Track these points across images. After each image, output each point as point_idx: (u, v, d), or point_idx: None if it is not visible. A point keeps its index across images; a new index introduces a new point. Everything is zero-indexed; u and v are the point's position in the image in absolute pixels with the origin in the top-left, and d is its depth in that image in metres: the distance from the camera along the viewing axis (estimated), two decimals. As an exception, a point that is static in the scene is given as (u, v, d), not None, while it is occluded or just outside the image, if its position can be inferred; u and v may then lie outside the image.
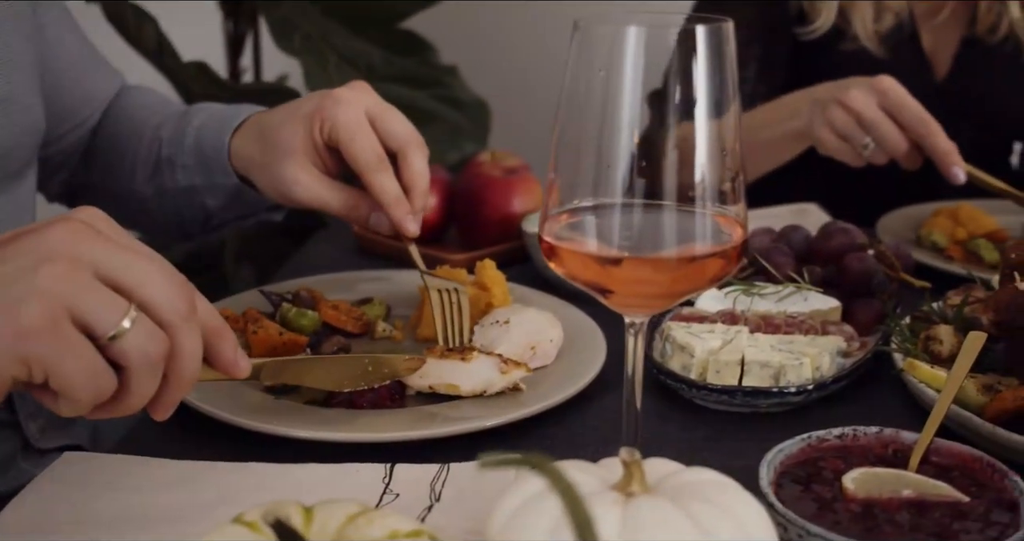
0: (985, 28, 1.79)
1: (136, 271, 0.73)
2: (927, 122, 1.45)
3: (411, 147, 1.16)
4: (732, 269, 0.80)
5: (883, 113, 1.45)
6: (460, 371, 1.06)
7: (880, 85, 1.47)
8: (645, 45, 0.75)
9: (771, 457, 0.86)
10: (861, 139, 1.47)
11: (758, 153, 1.70)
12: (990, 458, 0.86)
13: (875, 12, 1.77)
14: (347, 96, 1.15)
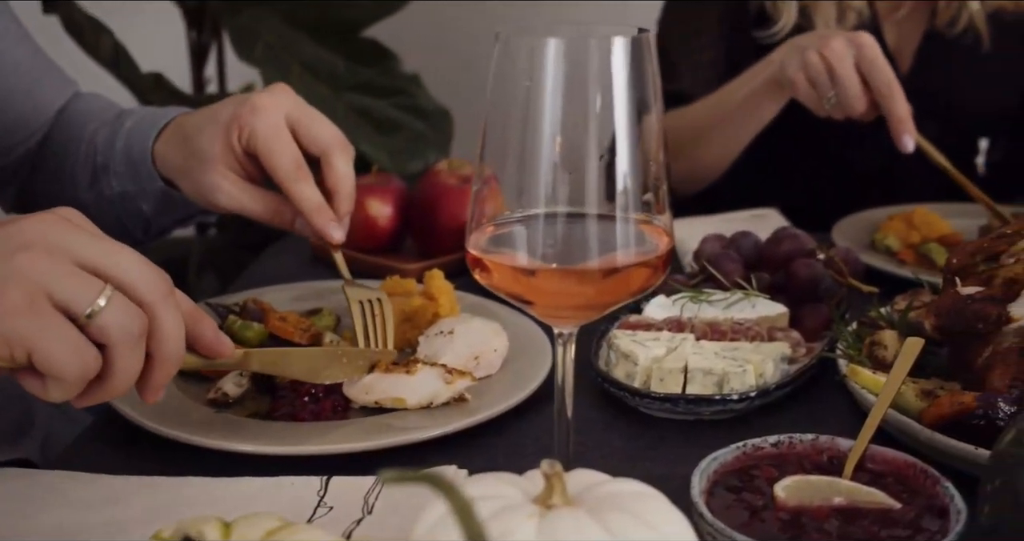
0: (945, 21, 1.80)
1: (111, 256, 0.77)
2: (892, 86, 1.48)
3: (334, 151, 1.15)
4: (658, 278, 0.80)
5: (854, 70, 1.48)
6: (405, 384, 1.06)
7: (859, 39, 1.49)
8: (565, 56, 0.75)
9: (705, 465, 0.86)
10: (827, 91, 1.49)
11: (736, 116, 1.70)
12: (924, 464, 0.86)
13: (837, 12, 1.77)
14: (265, 103, 1.13)
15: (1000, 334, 1.01)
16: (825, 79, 1.49)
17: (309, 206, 1.13)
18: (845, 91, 1.47)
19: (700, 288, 1.25)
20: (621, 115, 0.76)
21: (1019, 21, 1.80)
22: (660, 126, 0.79)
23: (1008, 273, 1.06)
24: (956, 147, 1.90)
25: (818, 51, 1.49)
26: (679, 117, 1.80)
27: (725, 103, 1.71)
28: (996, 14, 1.79)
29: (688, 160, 1.79)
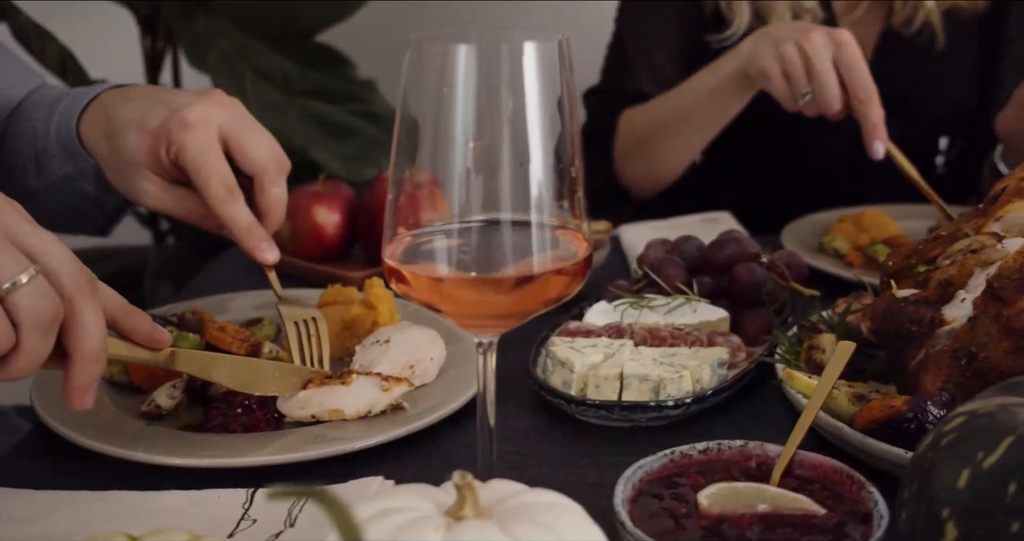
0: (901, 20, 1.80)
1: (44, 243, 0.80)
2: (869, 91, 1.46)
3: (267, 174, 1.11)
4: (577, 285, 0.80)
5: (833, 67, 1.45)
6: (341, 395, 1.05)
7: (839, 37, 1.47)
8: (477, 62, 0.74)
9: (630, 474, 0.86)
10: (803, 86, 1.47)
11: (700, 110, 1.69)
12: (850, 470, 0.85)
13: (792, 13, 1.77)
14: (196, 118, 1.08)
15: (933, 337, 1.01)
16: (802, 74, 1.46)
17: (239, 228, 1.10)
18: (823, 90, 1.45)
19: (643, 293, 1.24)
20: (534, 121, 0.75)
21: (974, 19, 1.80)
22: (577, 132, 0.78)
23: (943, 275, 1.06)
24: (916, 146, 1.89)
25: (796, 44, 1.47)
26: (639, 113, 1.80)
27: (688, 97, 1.69)
28: (951, 12, 1.79)
29: (647, 158, 1.78)
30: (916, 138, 1.89)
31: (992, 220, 1.11)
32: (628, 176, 1.83)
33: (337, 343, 1.19)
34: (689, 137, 1.73)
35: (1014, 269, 0.98)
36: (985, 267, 1.03)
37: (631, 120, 1.81)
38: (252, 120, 1.13)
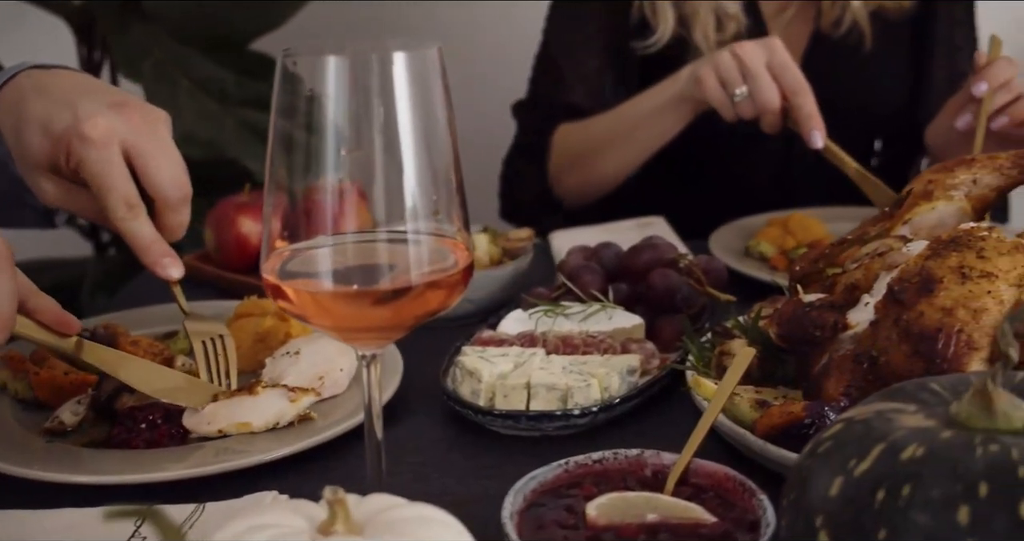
0: (829, 22, 1.80)
1: None
2: (803, 86, 1.50)
3: (166, 203, 1.07)
4: (457, 295, 0.79)
5: (766, 68, 1.49)
6: (249, 407, 1.04)
7: (771, 43, 1.51)
8: (348, 73, 0.74)
9: (521, 485, 0.85)
10: (737, 86, 1.50)
11: (637, 131, 1.70)
12: (743, 478, 0.85)
13: (716, 20, 1.77)
14: (96, 133, 1.03)
15: (836, 341, 1.00)
16: (736, 75, 1.50)
17: (138, 244, 1.06)
18: (758, 84, 1.48)
19: (562, 301, 1.24)
20: (407, 131, 0.75)
21: (902, 21, 1.81)
22: (453, 142, 0.77)
23: (849, 279, 1.05)
24: (851, 149, 1.90)
25: (729, 51, 1.51)
26: (575, 131, 1.80)
27: (627, 118, 1.70)
28: (879, 13, 1.80)
29: (583, 173, 1.78)
30: (850, 141, 1.88)
31: (900, 223, 1.12)
32: (563, 189, 1.84)
33: (250, 355, 1.18)
34: (626, 156, 1.74)
35: (914, 272, 0.98)
36: (890, 270, 1.03)
37: (567, 137, 1.81)
38: (162, 140, 1.08)
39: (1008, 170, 1.13)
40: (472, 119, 2.41)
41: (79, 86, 1.11)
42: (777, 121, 1.50)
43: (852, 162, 1.49)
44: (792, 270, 1.10)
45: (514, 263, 1.34)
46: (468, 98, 2.84)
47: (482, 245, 1.35)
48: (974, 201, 1.12)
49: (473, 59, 2.84)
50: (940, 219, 1.11)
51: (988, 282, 0.96)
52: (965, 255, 0.98)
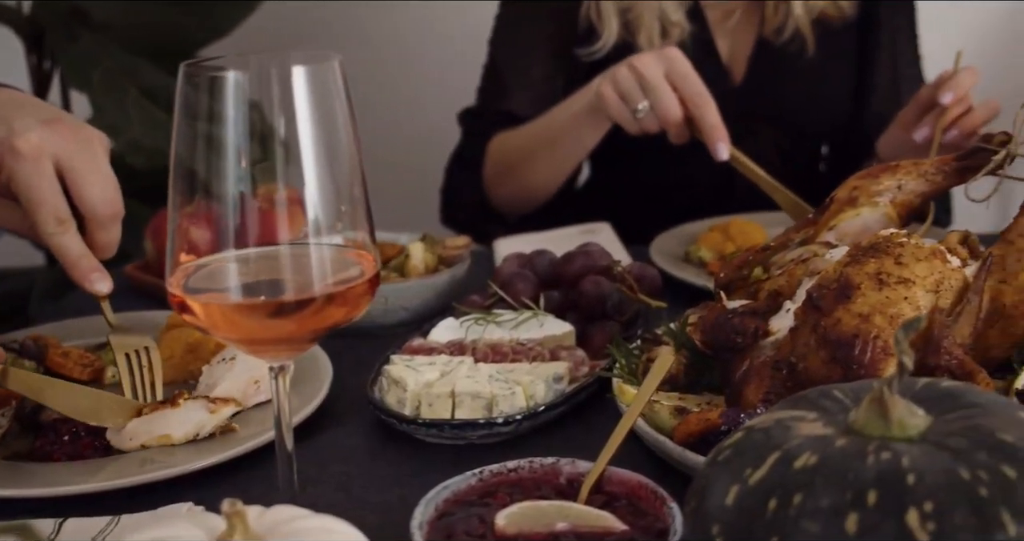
0: (772, 29, 1.81)
1: None
2: (704, 96, 1.47)
3: (95, 221, 1.07)
4: (364, 305, 0.79)
5: (665, 79, 1.47)
6: (169, 419, 1.04)
7: (668, 53, 1.49)
8: (247, 87, 0.74)
9: (433, 494, 0.85)
10: (638, 100, 1.48)
11: (560, 140, 1.70)
12: (655, 486, 0.85)
13: (661, 26, 1.77)
14: (27, 148, 1.03)
15: (757, 348, 1.01)
16: (636, 89, 1.48)
17: (67, 259, 1.07)
18: (657, 96, 1.47)
19: (496, 309, 1.24)
20: (307, 144, 0.75)
21: (843, 27, 1.82)
22: (356, 153, 0.78)
23: (772, 285, 1.06)
24: (798, 155, 1.91)
25: (627, 65, 1.50)
26: (508, 139, 1.80)
27: (550, 128, 1.71)
28: (821, 20, 1.80)
29: (514, 183, 1.79)
30: (797, 147, 1.90)
31: (825, 229, 1.12)
32: (498, 199, 1.84)
33: (182, 366, 1.18)
34: (551, 166, 1.75)
35: (833, 279, 0.99)
36: (812, 277, 1.03)
37: (500, 146, 1.82)
38: (96, 158, 1.08)
39: (933, 176, 1.14)
40: (427, 123, 2.42)
41: (13, 102, 1.11)
42: (683, 132, 1.49)
43: (760, 172, 1.47)
44: (717, 277, 1.11)
45: (450, 271, 1.35)
46: (424, 101, 2.86)
47: (417, 253, 1.35)
48: (899, 207, 1.13)
49: (429, 62, 2.85)
50: (865, 225, 1.11)
51: (905, 288, 0.97)
52: (883, 261, 0.99)
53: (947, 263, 1.00)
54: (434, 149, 2.02)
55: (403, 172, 2.52)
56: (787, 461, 0.68)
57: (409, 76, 2.90)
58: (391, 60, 2.90)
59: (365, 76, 2.89)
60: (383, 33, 2.81)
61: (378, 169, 3.01)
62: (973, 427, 0.69)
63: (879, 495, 0.64)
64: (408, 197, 2.24)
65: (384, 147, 2.90)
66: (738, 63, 1.84)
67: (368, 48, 2.85)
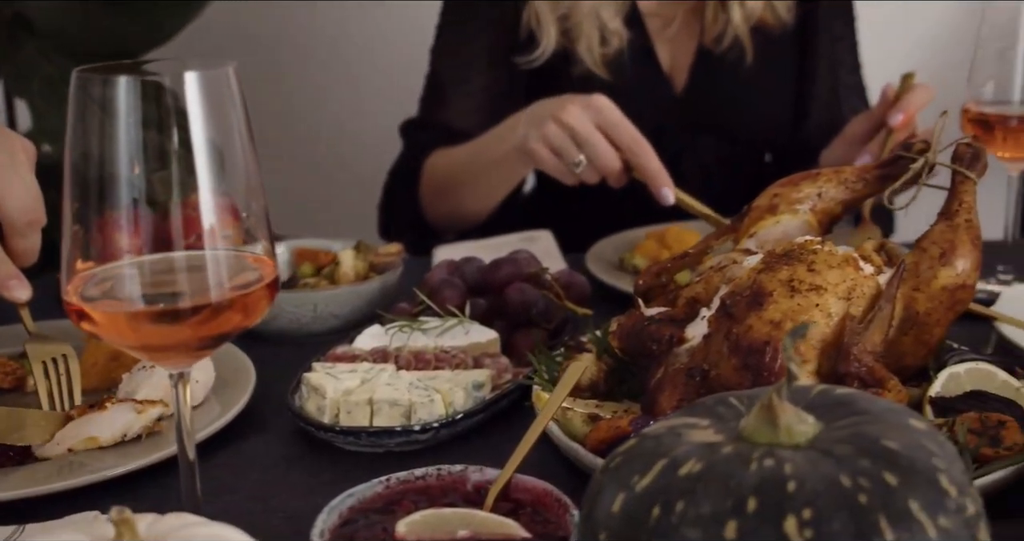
0: (712, 37, 1.81)
1: None
2: (640, 142, 1.45)
3: (13, 228, 1.07)
4: (263, 310, 0.79)
5: (597, 131, 1.44)
6: (96, 423, 1.04)
7: (596, 103, 1.46)
8: (139, 93, 0.74)
9: (337, 502, 0.85)
10: (574, 156, 1.46)
11: (489, 173, 1.70)
12: (559, 493, 0.85)
13: (599, 35, 1.77)
14: None
15: (672, 355, 1.01)
16: (569, 145, 1.46)
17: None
18: (594, 150, 1.44)
19: (424, 316, 1.24)
20: (201, 151, 0.75)
21: (783, 36, 1.83)
22: (253, 159, 0.78)
23: (691, 293, 1.06)
24: (742, 164, 1.92)
25: (554, 120, 1.46)
26: (441, 162, 1.79)
27: (476, 163, 1.70)
28: (760, 29, 1.81)
29: (450, 205, 1.78)
30: (739, 155, 1.91)
31: (746, 236, 1.13)
32: (433, 217, 1.83)
33: (104, 374, 1.18)
34: (482, 195, 1.74)
35: (746, 286, 1.00)
36: (729, 284, 1.04)
37: (433, 169, 1.80)
38: (17, 166, 1.08)
39: (853, 184, 1.15)
40: (375, 129, 2.41)
41: None
42: (622, 177, 1.47)
43: (704, 209, 1.45)
44: (636, 284, 1.11)
45: (381, 278, 1.35)
46: (371, 106, 2.85)
47: (348, 261, 1.35)
48: (820, 215, 1.14)
49: (375, 67, 2.84)
50: (785, 232, 1.12)
51: (817, 295, 0.98)
52: (796, 268, 0.99)
53: (860, 270, 1.01)
54: (385, 156, 2.01)
55: (351, 179, 2.52)
56: (673, 468, 0.68)
57: (355, 81, 2.90)
58: (334, 65, 2.89)
59: (310, 81, 2.89)
60: (328, 35, 2.81)
61: (324, 176, 3.00)
62: (859, 434, 0.69)
63: (759, 502, 0.64)
64: (353, 204, 2.24)
65: (333, 153, 2.90)
66: (679, 72, 1.85)
67: (312, 52, 2.85)
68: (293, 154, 2.87)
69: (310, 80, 2.87)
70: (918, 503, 0.64)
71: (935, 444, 0.70)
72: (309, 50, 2.84)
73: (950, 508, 0.65)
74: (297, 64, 2.86)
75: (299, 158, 2.89)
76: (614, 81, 1.76)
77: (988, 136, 1.37)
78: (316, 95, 2.88)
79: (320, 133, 2.91)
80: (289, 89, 2.87)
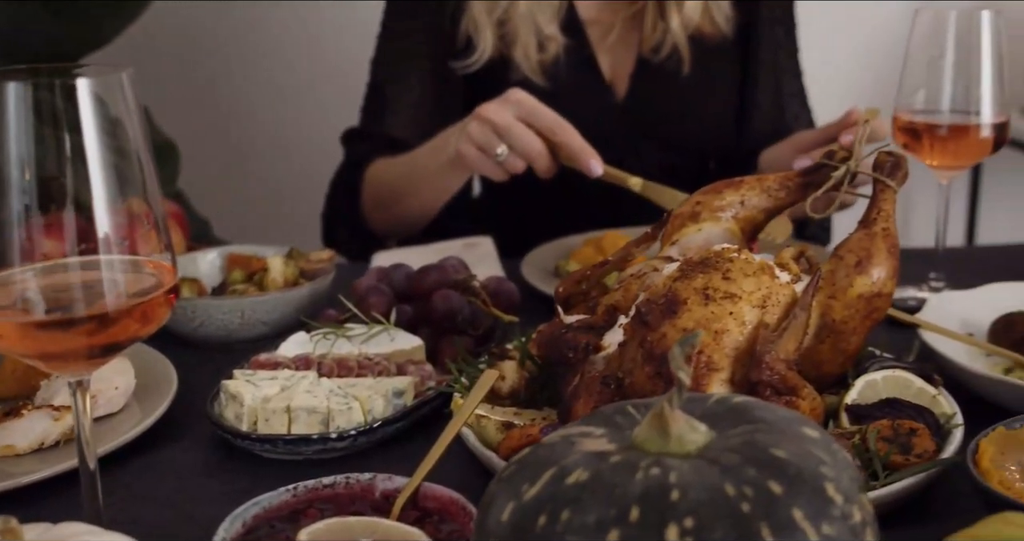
0: (650, 47, 1.81)
1: None
2: (560, 123, 1.47)
3: None
4: (162, 316, 0.79)
5: (517, 120, 1.46)
6: (12, 430, 1.03)
7: (512, 96, 1.48)
8: (30, 98, 0.73)
9: (241, 510, 0.85)
10: (495, 147, 1.48)
11: (426, 184, 1.70)
12: (465, 502, 0.85)
13: (536, 41, 1.77)
14: None
15: (589, 363, 1.01)
16: (491, 138, 1.47)
17: None
18: (514, 137, 1.46)
19: (350, 323, 1.24)
20: (94, 157, 0.75)
21: (721, 45, 1.83)
22: (149, 165, 0.77)
23: (610, 300, 1.06)
24: (684, 171, 1.92)
25: (474, 118, 1.49)
26: (379, 172, 1.79)
27: (413, 176, 1.71)
28: (697, 38, 1.81)
29: (388, 214, 1.79)
30: (683, 163, 1.91)
31: (669, 244, 1.13)
32: (376, 226, 1.83)
33: (24, 380, 1.17)
34: (422, 204, 1.74)
35: (661, 294, 1.00)
36: (647, 291, 1.04)
37: (374, 177, 1.80)
38: None
39: (776, 192, 1.15)
40: (321, 134, 2.41)
41: None
42: (549, 164, 1.48)
43: (632, 177, 1.48)
44: (556, 292, 1.11)
45: (311, 284, 1.34)
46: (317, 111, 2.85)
47: (276, 267, 1.35)
48: (742, 222, 1.14)
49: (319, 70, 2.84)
50: (707, 240, 1.12)
51: (731, 303, 0.98)
52: (711, 276, 0.99)
53: (776, 279, 1.01)
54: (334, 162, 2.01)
55: (302, 184, 2.51)
56: (561, 477, 0.68)
57: (299, 85, 2.90)
58: (277, 69, 2.89)
59: (256, 86, 2.89)
60: (272, 37, 2.81)
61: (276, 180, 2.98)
62: (750, 443, 0.69)
63: (641, 511, 0.64)
64: (304, 210, 2.23)
65: (283, 157, 2.90)
66: (620, 80, 1.85)
67: (256, 57, 2.84)
68: (242, 158, 2.86)
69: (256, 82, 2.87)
70: (802, 511, 0.64)
71: (826, 453, 0.70)
72: (253, 47, 2.83)
73: (835, 516, 0.65)
74: (241, 65, 2.86)
75: (248, 162, 2.89)
76: (552, 87, 1.76)
77: (917, 144, 1.38)
78: (262, 98, 2.88)
79: (269, 137, 2.90)
80: (241, 91, 2.87)
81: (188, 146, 2.32)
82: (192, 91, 2.80)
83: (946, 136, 1.36)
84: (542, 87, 1.75)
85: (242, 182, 2.85)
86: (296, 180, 2.74)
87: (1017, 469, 0.90)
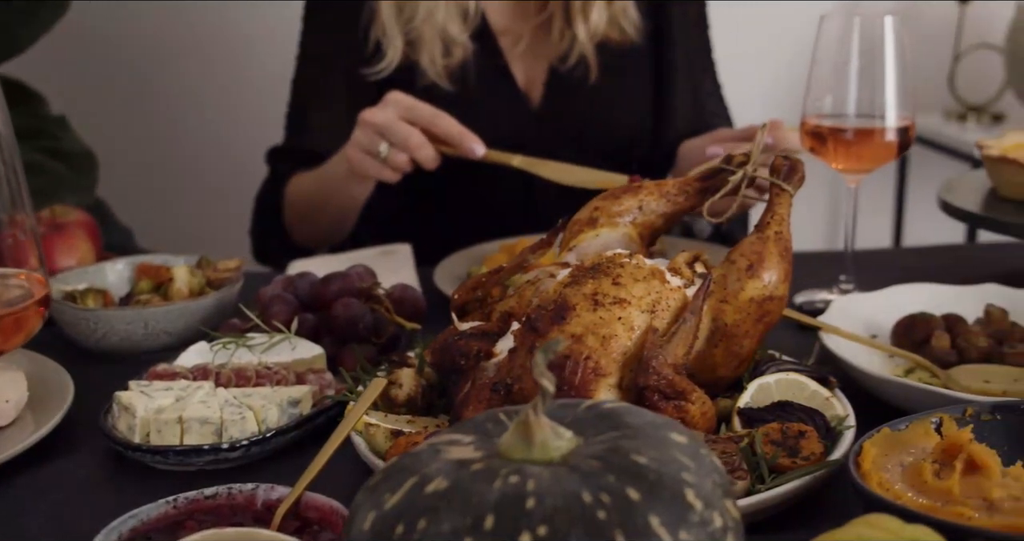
0: (559, 55, 1.82)
1: None
2: (438, 114, 1.52)
3: None
4: (33, 326, 0.78)
5: (397, 119, 1.51)
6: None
7: (390, 98, 1.53)
8: None
9: (117, 523, 0.84)
10: (377, 145, 1.51)
11: (334, 197, 1.71)
12: (346, 511, 0.85)
13: (443, 47, 1.77)
14: None
15: (481, 369, 1.01)
16: (372, 137, 1.51)
17: None
18: (392, 131, 1.50)
19: (255, 331, 1.23)
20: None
21: (632, 50, 1.83)
22: (15, 176, 0.76)
23: (504, 307, 1.06)
24: (610, 174, 1.92)
25: (358, 125, 1.53)
26: (294, 188, 1.81)
27: (322, 191, 1.74)
28: (604, 45, 1.81)
29: (310, 226, 1.80)
30: (604, 167, 1.91)
31: (566, 250, 1.13)
32: (299, 238, 1.85)
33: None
34: (334, 216, 1.77)
35: (551, 300, 1.00)
36: (539, 297, 1.04)
37: (291, 192, 1.83)
38: None
39: (675, 197, 1.16)
40: (248, 142, 2.40)
41: None
42: (430, 153, 1.51)
43: (515, 156, 1.55)
44: (451, 299, 1.11)
45: (216, 294, 1.33)
46: (240, 115, 2.84)
47: (181, 277, 1.34)
48: (640, 227, 1.14)
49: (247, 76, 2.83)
50: (605, 246, 1.12)
51: (620, 308, 0.98)
52: (601, 282, 1.00)
53: (666, 283, 1.01)
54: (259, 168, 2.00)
55: (221, 193, 2.50)
56: (421, 486, 0.68)
57: (223, 92, 2.89)
58: (201, 76, 2.88)
59: (182, 93, 2.87)
60: (190, 39, 2.79)
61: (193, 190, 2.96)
62: (613, 449, 0.69)
63: (496, 519, 0.64)
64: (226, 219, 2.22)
65: (209, 167, 2.88)
66: (535, 88, 1.85)
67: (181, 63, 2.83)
68: (168, 166, 2.84)
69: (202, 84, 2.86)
70: (659, 518, 0.64)
71: (691, 458, 0.70)
72: (176, 50, 2.82)
73: (693, 522, 0.65)
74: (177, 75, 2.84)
75: (175, 170, 2.87)
76: (459, 92, 1.77)
77: (823, 148, 1.39)
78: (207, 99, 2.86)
79: (195, 145, 2.89)
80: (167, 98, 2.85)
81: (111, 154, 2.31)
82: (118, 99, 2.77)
83: (851, 140, 1.37)
84: (450, 92, 1.76)
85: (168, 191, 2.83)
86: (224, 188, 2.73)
87: (899, 470, 0.91)
